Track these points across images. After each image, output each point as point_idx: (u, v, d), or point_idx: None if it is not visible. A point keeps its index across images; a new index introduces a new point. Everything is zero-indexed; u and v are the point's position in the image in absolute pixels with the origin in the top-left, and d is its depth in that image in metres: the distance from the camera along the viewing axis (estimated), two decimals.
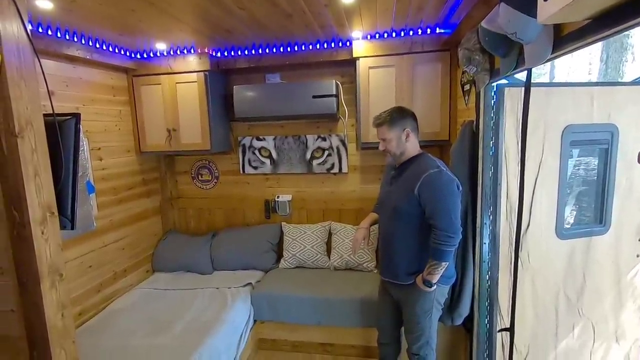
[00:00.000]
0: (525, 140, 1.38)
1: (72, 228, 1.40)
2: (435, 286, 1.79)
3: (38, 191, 1.11)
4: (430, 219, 1.74)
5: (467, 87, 2.15)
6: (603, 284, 2.17)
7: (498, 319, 1.99)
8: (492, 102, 1.86)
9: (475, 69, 1.70)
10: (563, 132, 1.97)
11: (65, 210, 1.36)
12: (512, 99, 1.84)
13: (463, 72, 2.23)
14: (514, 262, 1.65)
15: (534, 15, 1.04)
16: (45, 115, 1.23)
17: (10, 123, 1.03)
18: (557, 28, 1.08)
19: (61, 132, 1.32)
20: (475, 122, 1.96)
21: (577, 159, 2.20)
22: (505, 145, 1.89)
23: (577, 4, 0.77)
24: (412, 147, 1.87)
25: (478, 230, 1.97)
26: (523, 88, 1.83)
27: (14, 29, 1.06)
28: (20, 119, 1.06)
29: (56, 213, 1.18)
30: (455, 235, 1.71)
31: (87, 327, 2.28)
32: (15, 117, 1.04)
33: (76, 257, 2.36)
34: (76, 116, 1.40)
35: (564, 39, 1.04)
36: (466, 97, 2.17)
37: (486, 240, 1.96)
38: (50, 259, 1.14)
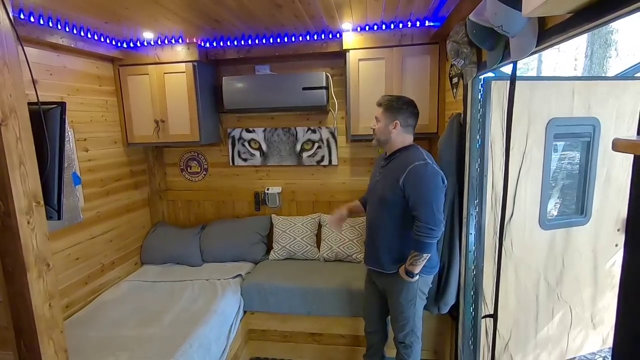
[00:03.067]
0: (510, 132, 1.42)
1: (59, 218, 1.38)
2: (417, 277, 1.83)
3: (23, 180, 1.10)
4: (413, 210, 1.77)
5: (455, 80, 2.18)
6: (582, 273, 2.25)
7: (482, 306, 2.05)
8: (479, 95, 1.89)
9: (463, 62, 1.73)
10: (547, 125, 2.02)
11: (52, 200, 1.35)
12: (499, 92, 1.88)
13: (451, 65, 2.25)
14: (498, 251, 1.70)
15: (520, 9, 1.07)
16: (29, 104, 1.21)
17: None
18: (542, 21, 1.10)
19: (46, 122, 1.29)
20: (462, 115, 1.99)
21: (562, 153, 2.26)
22: (491, 137, 1.93)
23: None
24: (398, 139, 1.89)
25: (464, 220, 2.01)
26: (509, 81, 1.87)
27: None
28: (3, 107, 1.04)
29: (42, 202, 1.16)
30: (436, 228, 1.74)
31: (76, 318, 2.26)
32: None
33: (63, 249, 2.33)
34: (61, 105, 1.38)
35: (547, 32, 1.06)
36: (454, 90, 2.20)
37: (472, 231, 2.01)
38: (36, 249, 1.13)
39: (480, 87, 1.88)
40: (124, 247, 2.89)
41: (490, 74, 1.83)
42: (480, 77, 1.84)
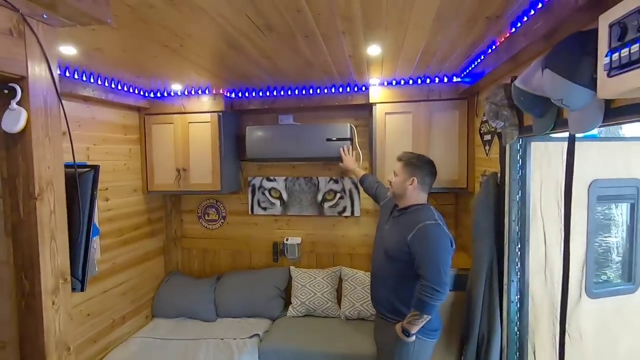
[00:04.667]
0: (570, 200, 1.31)
1: (82, 289, 1.29)
2: (414, 337, 1.75)
3: (52, 256, 1.02)
4: (419, 269, 1.71)
5: (487, 137, 2.13)
6: (636, 346, 2.05)
7: None
8: (518, 155, 1.82)
9: (502, 123, 1.68)
10: (589, 186, 1.93)
11: (76, 270, 1.26)
12: (539, 152, 1.81)
13: (483, 122, 2.21)
14: (560, 333, 1.51)
15: (584, 84, 1.02)
16: (65, 166, 1.16)
17: (30, 185, 0.96)
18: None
19: (81, 185, 1.25)
20: (500, 175, 1.91)
21: (600, 210, 2.14)
22: (532, 199, 1.83)
23: None
24: (413, 195, 1.87)
25: (505, 287, 1.87)
26: (550, 142, 1.81)
27: (43, 83, 1.01)
28: (40, 180, 0.99)
29: (69, 279, 1.08)
30: (441, 290, 1.66)
31: None
32: (36, 178, 0.97)
33: (76, 305, 2.21)
34: (95, 168, 1.34)
35: (617, 110, 1.00)
36: (487, 147, 2.14)
37: (514, 299, 1.86)
38: (58, 333, 1.03)
39: (518, 147, 1.82)
40: (136, 299, 2.76)
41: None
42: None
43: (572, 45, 1.05)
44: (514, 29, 1.49)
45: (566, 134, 1.35)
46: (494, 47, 1.73)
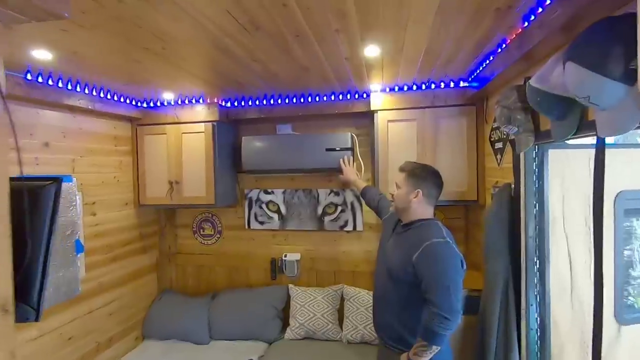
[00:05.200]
0: (601, 215, 1.13)
1: (37, 319, 1.14)
2: None
3: None
4: (427, 293, 1.51)
5: (499, 144, 1.96)
6: None
7: None
8: (534, 164, 1.65)
9: (516, 129, 1.51)
10: (615, 199, 1.73)
11: (31, 297, 1.11)
12: (558, 161, 1.63)
13: (493, 128, 2.05)
14: None
15: (617, 77, 0.85)
16: (14, 179, 1.02)
17: None
18: None
19: (36, 201, 1.10)
20: (514, 186, 1.73)
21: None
22: (551, 213, 1.65)
23: None
24: (418, 209, 1.69)
25: (523, 312, 1.67)
26: (570, 150, 1.63)
27: None
28: None
29: (11, 309, 0.92)
30: (452, 318, 1.46)
31: None
32: None
33: (55, 328, 2.06)
34: (57, 181, 1.20)
35: None
36: (498, 156, 1.97)
37: (533, 325, 1.66)
38: None
39: (534, 155, 1.65)
40: (125, 319, 2.60)
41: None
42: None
43: (601, 33, 0.89)
44: (526, 23, 1.34)
45: (592, 139, 1.17)
46: (503, 45, 1.58)
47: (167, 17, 1.24)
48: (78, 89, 2.11)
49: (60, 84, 2.00)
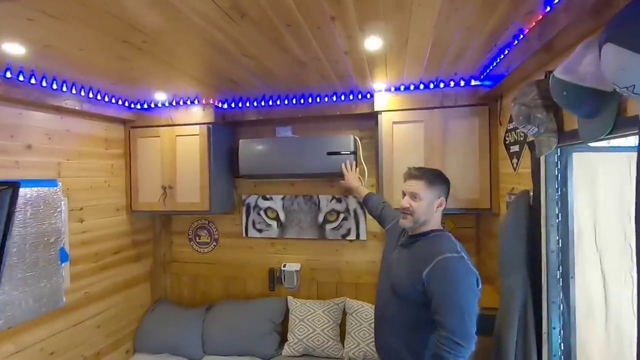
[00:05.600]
0: None
1: None
2: None
3: None
4: (437, 315, 1.33)
5: (515, 148, 1.78)
6: None
7: None
8: (556, 169, 1.47)
9: (536, 129, 1.33)
10: None
11: None
12: (584, 166, 1.45)
13: (508, 130, 1.87)
14: None
15: None
16: None
17: None
18: None
19: None
20: (533, 194, 1.55)
21: None
22: (577, 224, 1.46)
23: None
24: (437, 220, 1.54)
25: (545, 336, 1.48)
26: (600, 153, 1.45)
27: None
28: None
29: None
30: (465, 345, 1.28)
31: None
32: None
33: (35, 343, 1.93)
34: (14, 186, 1.07)
35: None
36: (514, 160, 1.79)
37: (557, 352, 1.46)
38: None
39: (556, 159, 1.47)
40: (115, 332, 2.46)
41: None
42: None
43: None
44: (548, 8, 1.17)
45: (633, 140, 1.00)
46: (521, 36, 1.41)
47: (140, 3, 1.11)
48: (64, 89, 2.00)
49: (44, 83, 1.90)
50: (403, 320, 1.47)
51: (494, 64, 1.76)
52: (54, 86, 1.95)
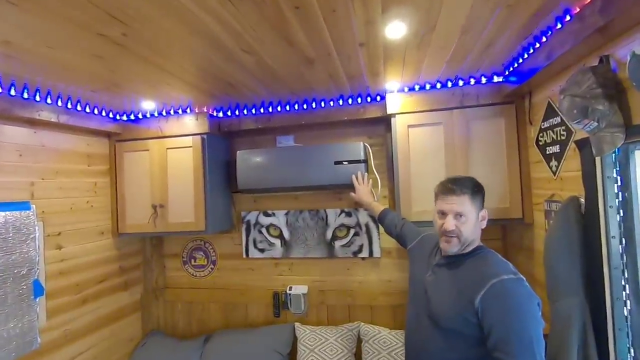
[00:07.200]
0: None
1: None
2: None
3: None
4: (498, 352, 1.09)
5: (553, 148, 1.56)
6: None
7: None
8: (615, 171, 1.25)
9: (596, 124, 1.12)
10: None
11: None
12: None
13: (542, 130, 1.66)
14: None
15: None
16: None
17: None
18: None
19: None
20: (585, 200, 1.33)
21: None
22: None
23: None
24: (479, 235, 1.32)
25: None
26: None
27: None
28: None
29: None
30: None
31: None
32: None
33: None
34: None
35: None
36: (553, 163, 1.57)
37: None
38: None
39: (613, 159, 1.25)
40: None
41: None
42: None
43: None
44: None
45: None
46: (568, 17, 1.21)
47: None
48: (38, 98, 1.76)
49: (12, 92, 1.66)
50: (452, 353, 1.22)
51: (525, 55, 1.56)
52: (25, 95, 1.71)
